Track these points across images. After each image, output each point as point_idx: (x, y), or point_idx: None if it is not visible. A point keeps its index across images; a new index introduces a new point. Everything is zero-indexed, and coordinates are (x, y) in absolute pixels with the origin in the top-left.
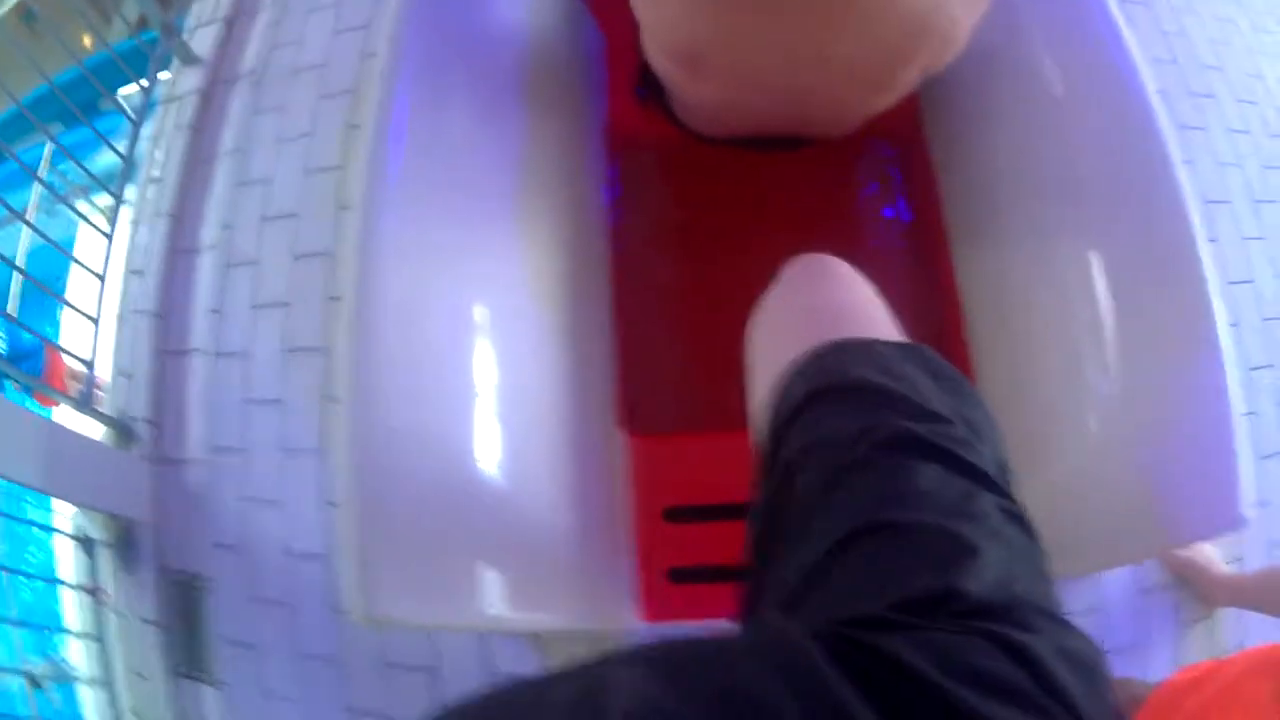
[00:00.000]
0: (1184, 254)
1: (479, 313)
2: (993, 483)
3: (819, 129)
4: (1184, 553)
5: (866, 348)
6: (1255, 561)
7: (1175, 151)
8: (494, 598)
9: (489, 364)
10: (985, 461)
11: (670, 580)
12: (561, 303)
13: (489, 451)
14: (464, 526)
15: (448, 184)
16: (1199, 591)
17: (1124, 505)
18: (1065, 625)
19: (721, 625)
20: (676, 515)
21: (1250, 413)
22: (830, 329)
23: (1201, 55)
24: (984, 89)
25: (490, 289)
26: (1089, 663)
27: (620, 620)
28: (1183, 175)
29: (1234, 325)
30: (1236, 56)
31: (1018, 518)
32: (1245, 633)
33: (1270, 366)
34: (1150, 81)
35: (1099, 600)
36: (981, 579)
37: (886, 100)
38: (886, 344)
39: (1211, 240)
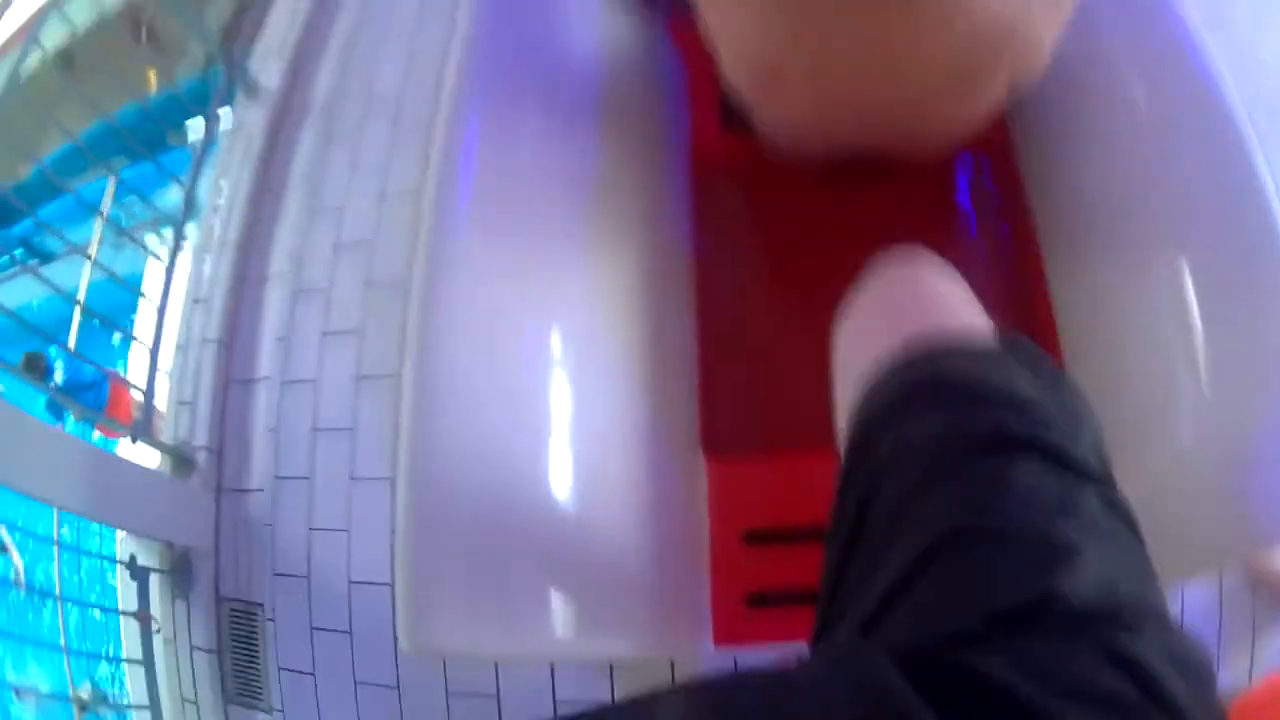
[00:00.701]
0: (1274, 260)
1: (552, 332)
2: (1095, 475)
3: (905, 151)
4: (1264, 556)
5: (958, 340)
6: None
7: (1262, 163)
8: (559, 626)
9: (561, 383)
10: (1087, 452)
11: (747, 605)
12: (640, 324)
13: (559, 474)
14: (528, 554)
15: (518, 207)
16: (1277, 593)
17: (1216, 511)
18: (1172, 626)
19: (795, 650)
20: (757, 538)
21: None
22: (919, 324)
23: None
24: (1072, 107)
25: (563, 310)
26: (1197, 667)
27: (692, 647)
28: (1270, 187)
29: None
30: None
31: (1121, 509)
32: None
33: None
34: (1235, 94)
35: (1181, 607)
36: (1083, 580)
37: (972, 114)
38: (979, 336)
39: None
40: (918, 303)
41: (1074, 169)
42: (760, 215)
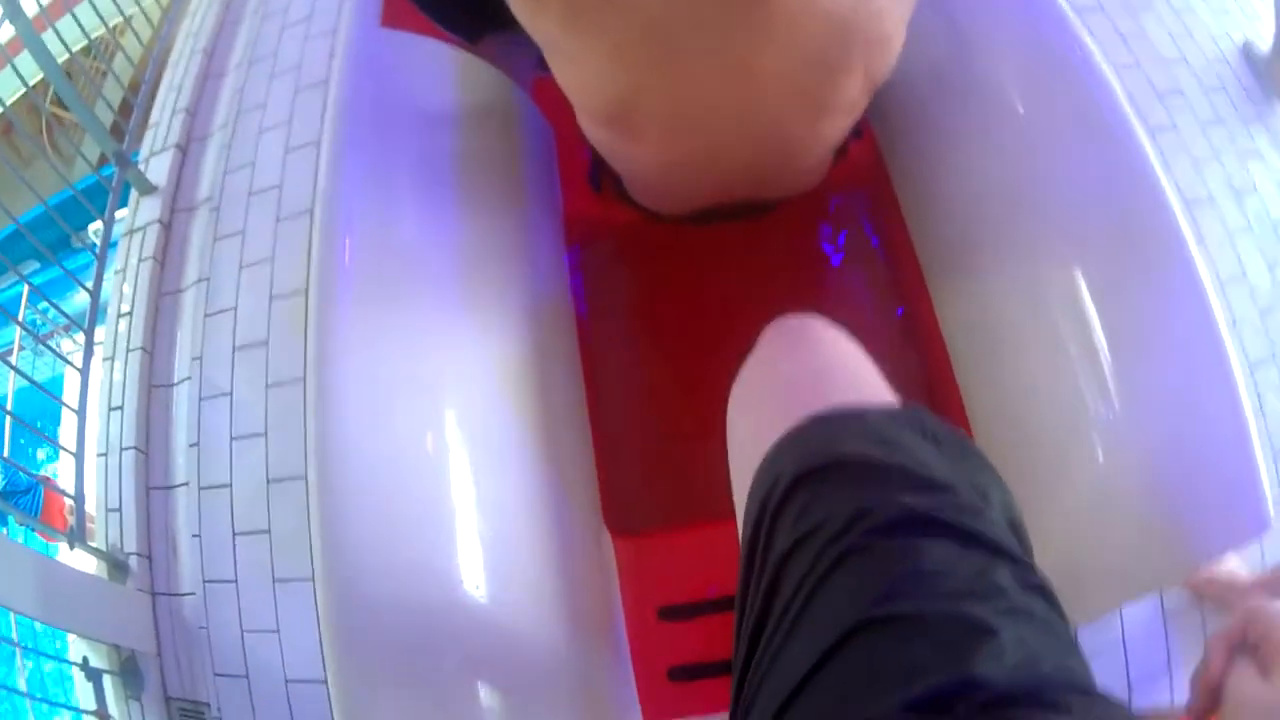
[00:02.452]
0: (1175, 259)
1: (445, 418)
2: (1007, 552)
3: (776, 184)
4: (1204, 569)
5: (856, 417)
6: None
7: (1153, 154)
8: (493, 717)
9: (461, 469)
10: (997, 529)
11: (670, 680)
12: (530, 401)
13: (470, 563)
14: (452, 649)
15: (400, 290)
16: (1223, 605)
17: (1144, 530)
18: (1096, 697)
19: None
20: (672, 614)
21: (1256, 411)
22: (814, 398)
23: (1163, 50)
24: (940, 117)
25: (455, 392)
26: None
27: None
28: (1164, 178)
29: (1233, 324)
30: (1200, 45)
31: (1038, 588)
32: None
33: (1273, 360)
34: (1119, 85)
35: (1120, 634)
36: (1002, 663)
37: (834, 126)
38: (877, 410)
39: (1199, 242)
40: (812, 376)
41: (950, 186)
42: (641, 277)
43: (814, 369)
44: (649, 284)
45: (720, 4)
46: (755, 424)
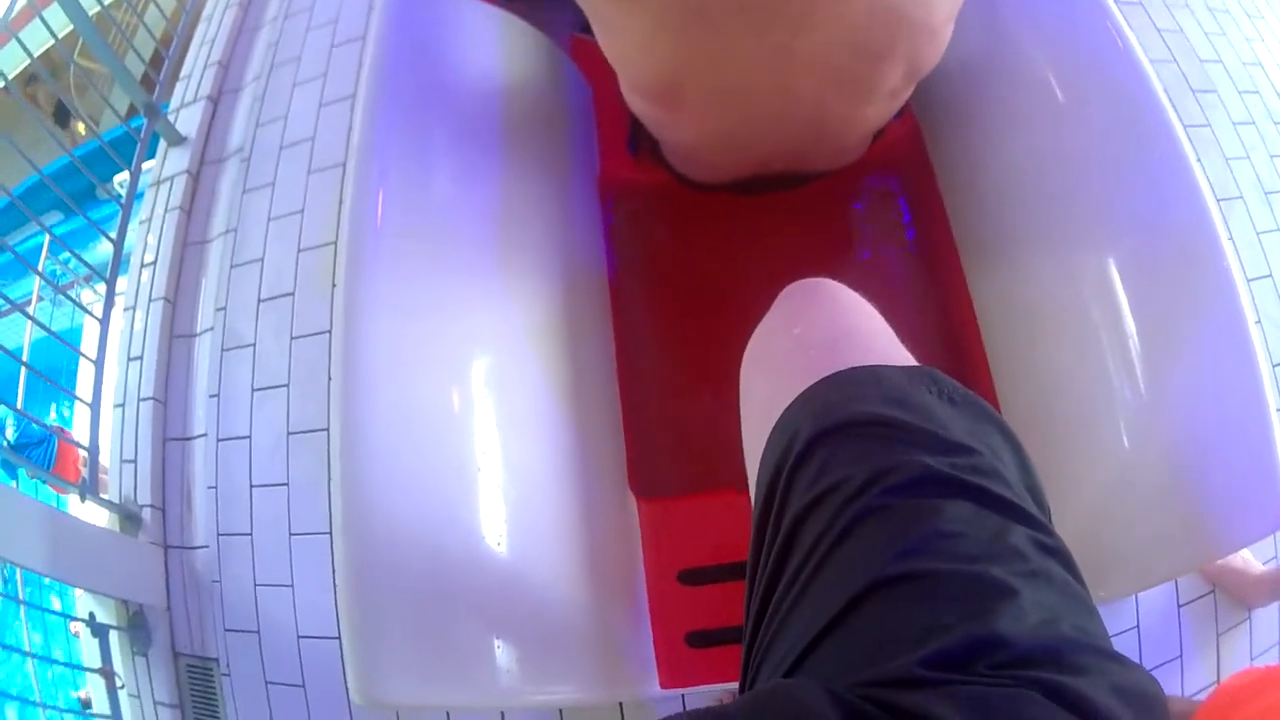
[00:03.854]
0: (1206, 253)
1: (474, 377)
2: (1025, 514)
3: (813, 160)
4: (1220, 559)
5: (872, 376)
6: None
7: (1188, 148)
8: (506, 674)
9: (487, 425)
10: (1015, 491)
11: (689, 645)
12: (561, 360)
13: (492, 520)
14: (471, 603)
15: (431, 246)
16: (1236, 595)
17: (1164, 518)
18: (1118, 660)
19: (734, 689)
20: (692, 578)
21: None
22: (831, 360)
23: (1199, 49)
24: (982, 103)
25: (483, 348)
26: (1147, 697)
27: (639, 690)
28: (1198, 172)
29: (1256, 322)
30: (1234, 47)
31: (1055, 550)
32: None
33: None
34: (1156, 78)
35: (1137, 618)
36: (1022, 623)
37: (876, 111)
38: (893, 369)
39: (1228, 239)
40: (827, 338)
41: (989, 171)
42: (674, 244)
43: (829, 330)
44: (682, 249)
45: None
46: (769, 386)
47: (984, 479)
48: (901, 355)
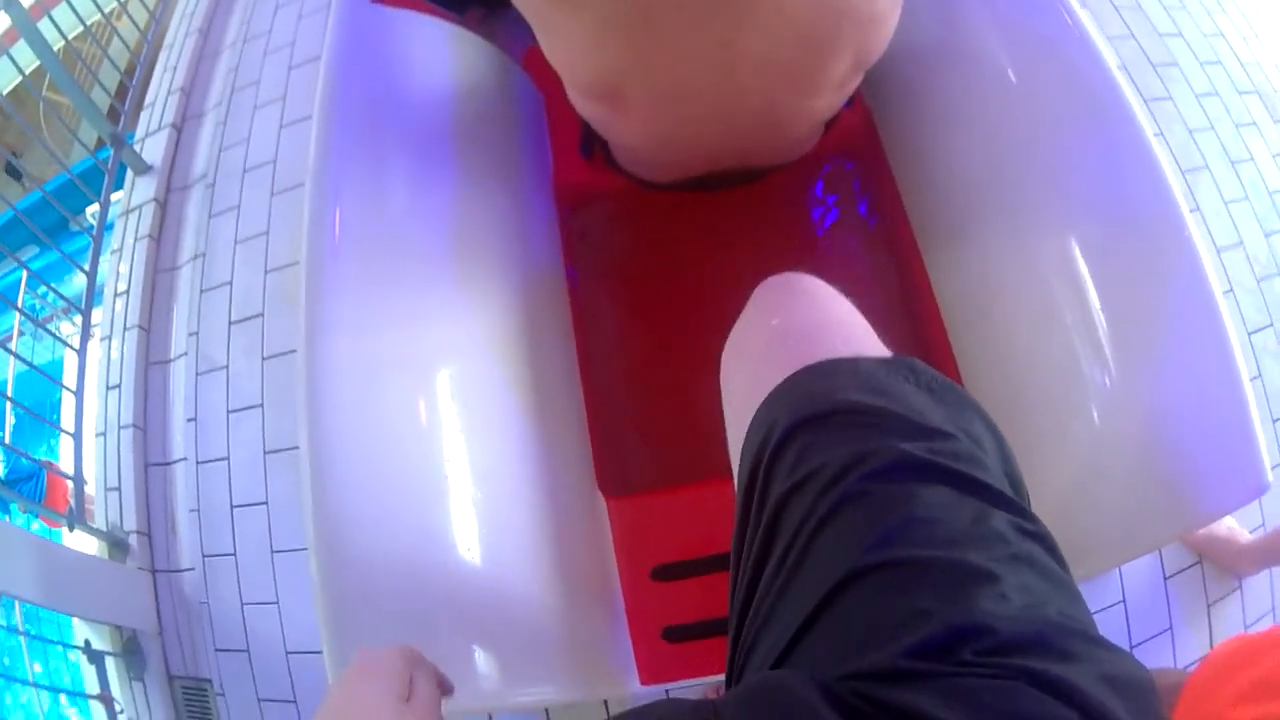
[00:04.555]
0: (1168, 225)
1: (438, 388)
2: (1005, 499)
3: (764, 154)
4: (1204, 529)
5: (850, 366)
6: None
7: (1146, 123)
8: (486, 678)
9: (453, 434)
10: (993, 476)
11: (666, 640)
12: (523, 368)
13: (464, 528)
14: (448, 613)
15: (392, 262)
16: (1224, 564)
17: (1141, 491)
18: (1105, 646)
19: (718, 683)
20: (665, 573)
21: (1255, 376)
22: (808, 351)
23: (1159, 24)
24: (934, 87)
25: (445, 357)
26: (1136, 684)
27: (620, 688)
28: (1157, 146)
29: (1228, 292)
30: (1194, 19)
31: (1036, 535)
32: (1275, 600)
33: (1270, 327)
34: (1110, 56)
35: (1122, 593)
36: (1006, 609)
37: (824, 102)
38: (870, 360)
39: (1194, 210)
40: (804, 330)
41: (944, 155)
42: (631, 244)
43: (806, 323)
44: (639, 250)
45: None
46: (749, 377)
47: (962, 464)
48: (878, 347)
